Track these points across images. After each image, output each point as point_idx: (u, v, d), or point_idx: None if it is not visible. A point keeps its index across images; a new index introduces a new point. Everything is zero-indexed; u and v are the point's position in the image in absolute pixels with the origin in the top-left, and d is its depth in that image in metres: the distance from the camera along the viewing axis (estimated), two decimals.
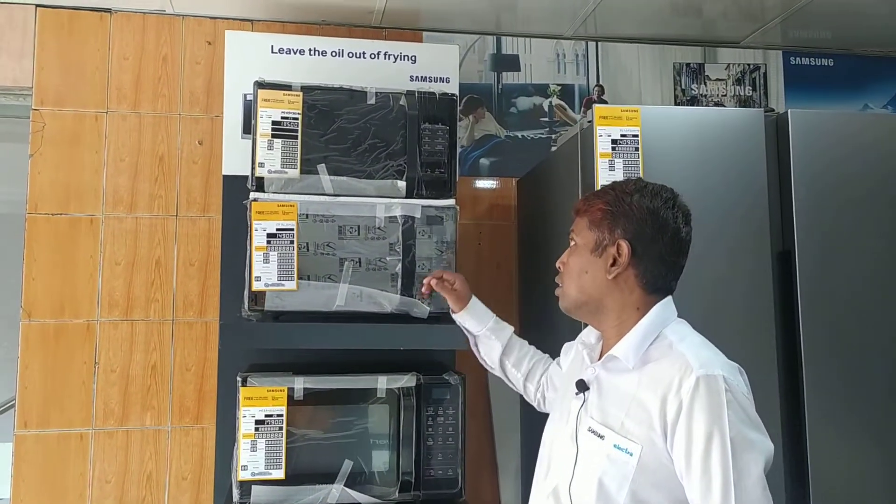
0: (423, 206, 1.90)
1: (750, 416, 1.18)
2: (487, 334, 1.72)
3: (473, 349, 1.77)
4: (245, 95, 2.29)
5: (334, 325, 1.78)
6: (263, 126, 1.86)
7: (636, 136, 1.70)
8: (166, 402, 2.29)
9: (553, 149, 2.63)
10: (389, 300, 1.87)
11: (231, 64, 2.31)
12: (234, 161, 2.26)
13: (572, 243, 1.39)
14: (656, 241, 1.28)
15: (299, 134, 1.86)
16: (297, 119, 1.86)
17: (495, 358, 1.73)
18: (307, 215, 1.85)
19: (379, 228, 1.89)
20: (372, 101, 1.92)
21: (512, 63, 2.64)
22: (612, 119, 1.70)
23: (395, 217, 1.89)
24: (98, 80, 2.37)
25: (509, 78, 2.63)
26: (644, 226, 1.29)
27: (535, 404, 1.72)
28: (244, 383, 1.77)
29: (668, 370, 1.22)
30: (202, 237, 2.37)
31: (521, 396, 1.77)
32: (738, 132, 1.72)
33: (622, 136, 1.70)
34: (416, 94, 1.94)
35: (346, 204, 1.87)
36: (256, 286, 1.81)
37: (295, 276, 1.82)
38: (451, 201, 1.95)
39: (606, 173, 1.68)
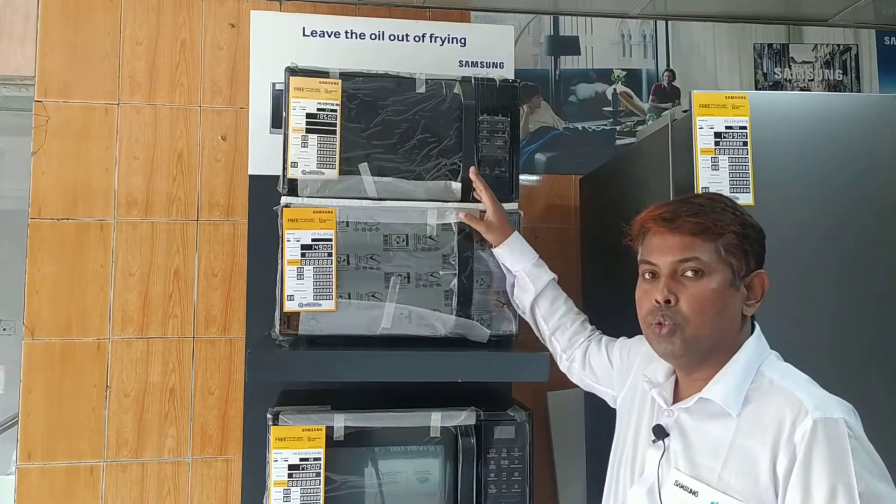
0: (481, 211, 1.63)
1: (878, 465, 1.01)
2: (523, 276, 1.58)
3: (508, 289, 1.64)
4: (274, 84, 2.05)
5: (379, 354, 1.53)
6: (296, 119, 1.61)
7: (744, 127, 1.43)
8: (187, 431, 2.06)
9: (618, 142, 2.35)
10: (443, 322, 1.61)
11: (257, 49, 2.07)
12: (262, 159, 2.04)
13: (689, 272, 1.11)
14: (762, 265, 1.16)
15: (338, 128, 1.61)
16: (335, 111, 1.60)
17: (526, 302, 1.59)
18: (347, 223, 1.60)
19: (431, 238, 1.63)
20: (422, 89, 1.66)
21: (571, 46, 2.37)
22: (716, 108, 1.42)
23: (450, 224, 1.63)
24: (108, 68, 2.13)
25: (568, 63, 2.35)
26: (762, 250, 1.16)
27: (561, 366, 1.59)
28: (275, 421, 1.52)
29: (774, 413, 1.06)
30: (226, 244, 2.13)
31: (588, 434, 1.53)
32: (872, 121, 1.43)
33: (727, 128, 1.43)
34: (473, 81, 1.68)
35: (393, 209, 1.62)
36: (289, 306, 1.56)
37: (334, 294, 1.57)
38: (513, 205, 1.70)
39: (709, 174, 1.40)
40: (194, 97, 2.17)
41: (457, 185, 1.65)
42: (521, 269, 1.58)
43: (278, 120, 1.93)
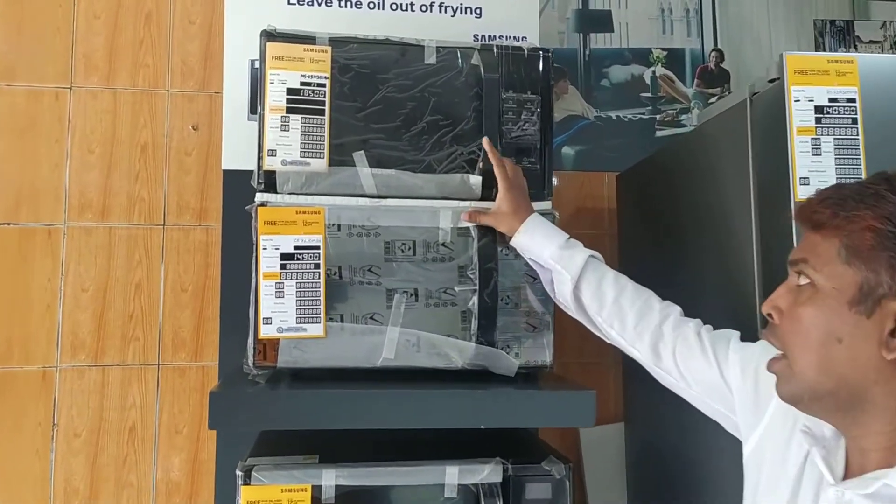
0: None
1: None
2: (553, 264, 1.24)
3: (548, 288, 1.29)
4: (253, 62, 1.74)
5: (380, 394, 1.22)
6: (275, 96, 1.30)
7: (853, 100, 1.10)
8: (149, 478, 1.74)
9: (658, 133, 2.03)
10: (460, 351, 1.30)
11: (233, 21, 1.77)
12: (240, 151, 1.73)
13: (801, 278, 0.81)
14: None
15: (327, 107, 1.29)
16: (323, 86, 1.29)
17: (567, 294, 1.23)
18: (339, 226, 1.29)
19: (444, 245, 1.31)
20: (432, 59, 1.35)
21: (602, 21, 2.05)
22: (816, 74, 1.11)
23: (468, 228, 1.31)
24: (60, 46, 1.83)
25: (599, 41, 2.04)
26: None
27: (642, 360, 1.18)
28: (247, 479, 1.20)
29: None
30: (198, 253, 1.81)
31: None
32: None
33: (831, 100, 1.10)
34: (496, 50, 1.37)
35: (396, 210, 1.31)
36: (265, 332, 1.24)
37: (322, 316, 1.26)
38: (546, 204, 1.39)
39: (808, 160, 1.09)
40: (161, 80, 1.86)
41: (476, 180, 1.33)
42: (549, 255, 1.24)
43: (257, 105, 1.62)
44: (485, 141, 1.32)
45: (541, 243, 1.24)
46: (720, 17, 2.11)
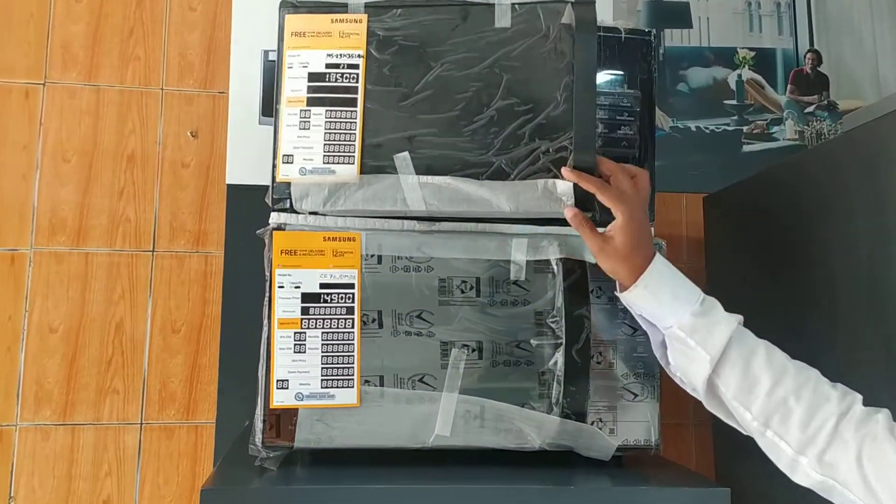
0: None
1: None
2: (683, 336, 0.91)
3: (658, 354, 0.99)
4: (267, 54, 1.46)
5: (436, 490, 0.89)
6: (294, 84, 1.01)
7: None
8: None
9: (746, 148, 1.73)
10: (538, 426, 1.00)
11: (243, 5, 1.47)
12: (248, 163, 1.46)
13: None
14: None
15: (360, 95, 0.99)
16: (356, 67, 1.00)
17: (699, 378, 0.91)
18: (379, 258, 0.99)
19: (518, 284, 1.02)
20: (505, 20, 1.04)
21: (680, 15, 1.76)
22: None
23: (550, 263, 1.00)
24: (33, 33, 1.53)
25: (676, 38, 1.75)
26: None
27: (796, 478, 0.86)
28: None
29: None
30: (194, 286, 1.51)
31: None
32: None
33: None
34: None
35: (455, 236, 1.00)
36: (280, 399, 0.95)
37: (356, 378, 0.96)
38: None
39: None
40: (154, 76, 1.57)
41: (565, 186, 1.00)
42: (678, 325, 0.91)
43: (271, 106, 1.31)
44: (565, 171, 0.99)
45: (669, 306, 0.92)
46: (816, 12, 1.82)
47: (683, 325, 0.90)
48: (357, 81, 0.99)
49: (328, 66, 1.00)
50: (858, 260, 1.14)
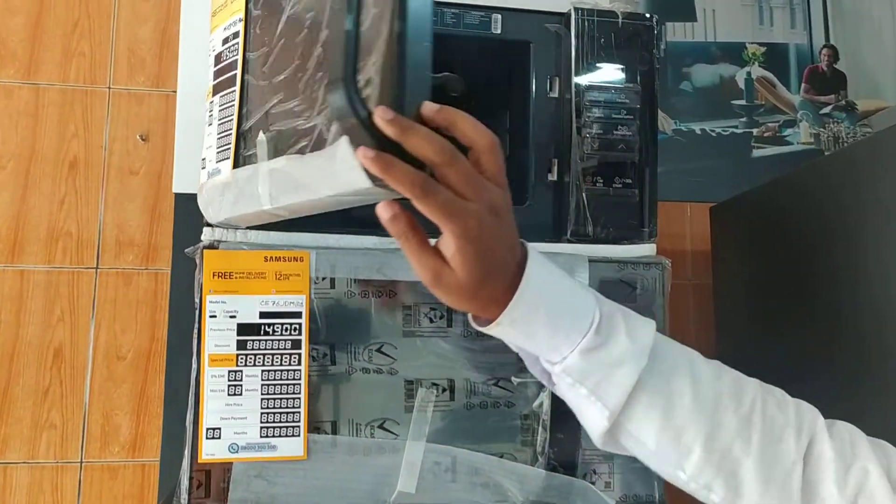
0: (591, 261, 0.86)
1: None
2: (566, 382, 0.64)
3: (531, 369, 0.70)
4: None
5: None
6: (210, 74, 0.85)
7: None
8: None
9: (756, 153, 1.59)
10: (521, 480, 0.87)
11: None
12: (197, 168, 1.26)
13: None
14: None
15: (238, 69, 0.83)
16: (238, 36, 0.84)
17: (594, 433, 0.65)
18: (332, 281, 0.84)
19: None
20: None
21: (682, 7, 1.63)
22: None
23: None
24: None
25: (678, 32, 1.61)
26: None
27: None
28: None
29: None
30: (143, 307, 1.36)
31: None
32: None
33: None
34: (574, 13, 0.92)
35: None
36: (210, 452, 0.80)
37: (302, 425, 0.80)
38: (648, 249, 0.93)
39: None
40: (101, 74, 1.44)
41: (346, 152, 0.83)
42: (561, 366, 0.63)
43: None
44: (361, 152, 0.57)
45: (547, 343, 0.62)
46: (831, 4, 1.68)
47: (570, 367, 0.61)
48: (238, 53, 0.82)
49: (223, 42, 0.84)
50: (887, 278, 0.99)
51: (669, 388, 0.62)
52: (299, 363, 0.82)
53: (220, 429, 0.81)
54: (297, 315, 0.83)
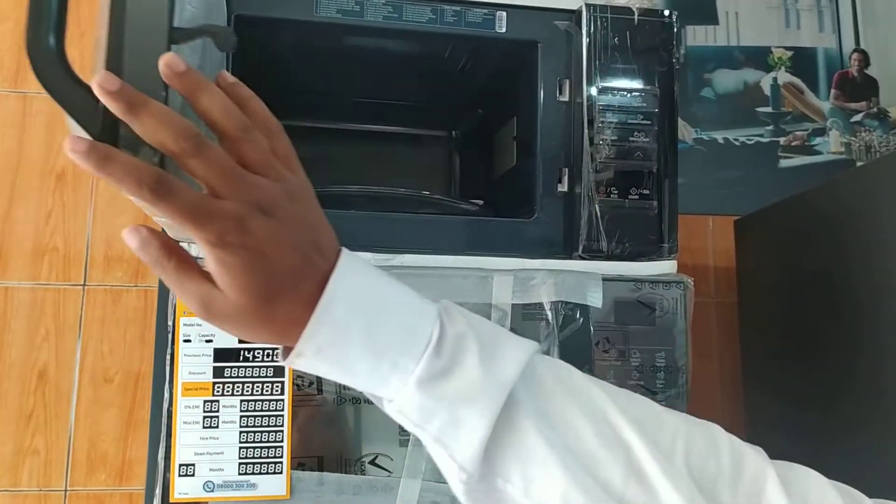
0: (604, 279, 0.79)
1: None
2: (407, 425, 0.47)
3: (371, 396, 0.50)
4: None
5: None
6: None
7: None
8: None
9: (783, 163, 1.51)
10: None
11: None
12: None
13: None
14: None
15: None
16: None
17: (453, 488, 0.48)
18: None
19: None
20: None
21: (704, 10, 1.56)
22: None
23: (542, 307, 0.78)
24: None
25: (699, 36, 1.54)
26: None
27: None
28: None
29: None
30: (132, 326, 1.30)
31: None
32: None
33: None
34: (587, 12, 0.85)
35: (417, 273, 0.80)
36: (183, 491, 0.72)
37: (285, 460, 0.72)
38: (668, 266, 0.85)
39: None
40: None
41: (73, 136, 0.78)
42: (396, 405, 0.46)
43: None
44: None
45: (367, 375, 0.47)
46: (862, 6, 1.60)
47: (406, 405, 0.46)
48: None
49: None
50: None
51: (552, 433, 0.47)
52: (282, 392, 0.75)
53: (194, 465, 0.74)
54: None
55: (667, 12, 0.90)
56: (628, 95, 0.86)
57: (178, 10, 0.46)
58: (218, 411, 0.74)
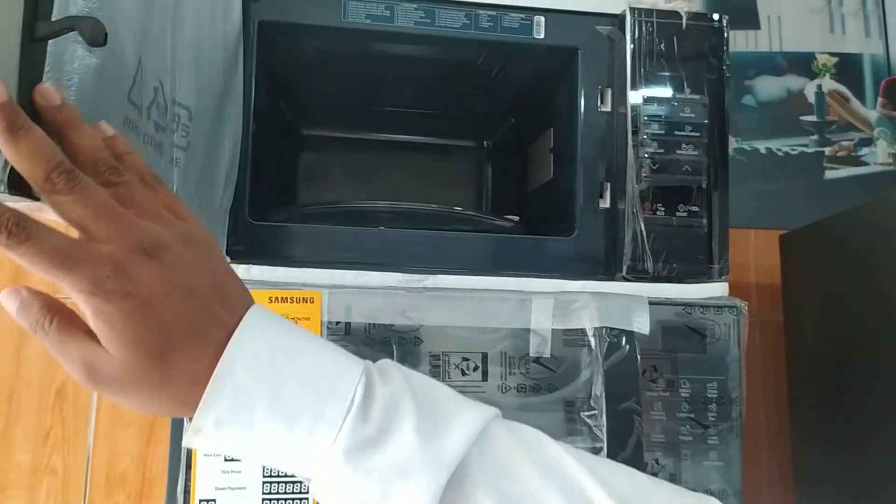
0: (651, 303, 0.74)
1: None
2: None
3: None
4: None
5: None
6: None
7: None
8: None
9: (829, 174, 1.44)
10: None
11: None
12: None
13: None
14: None
15: None
16: None
17: None
18: (346, 327, 0.75)
19: (540, 363, 0.74)
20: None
21: (745, 14, 1.50)
22: None
23: (585, 333, 0.73)
24: None
25: (740, 42, 1.48)
26: None
27: None
28: None
29: None
30: None
31: None
32: None
33: None
34: (630, 15, 0.80)
35: (451, 295, 0.74)
36: None
37: (311, 499, 0.68)
38: (718, 289, 0.80)
39: None
40: None
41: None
42: (316, 487, 0.41)
43: None
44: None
45: (281, 449, 0.40)
46: None
47: (329, 482, 0.40)
48: None
49: None
50: None
51: None
52: None
53: (214, 500, 0.69)
54: None
55: (716, 16, 0.84)
56: (675, 105, 0.81)
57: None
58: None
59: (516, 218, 0.90)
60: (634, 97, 0.80)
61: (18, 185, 0.38)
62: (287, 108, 1.03)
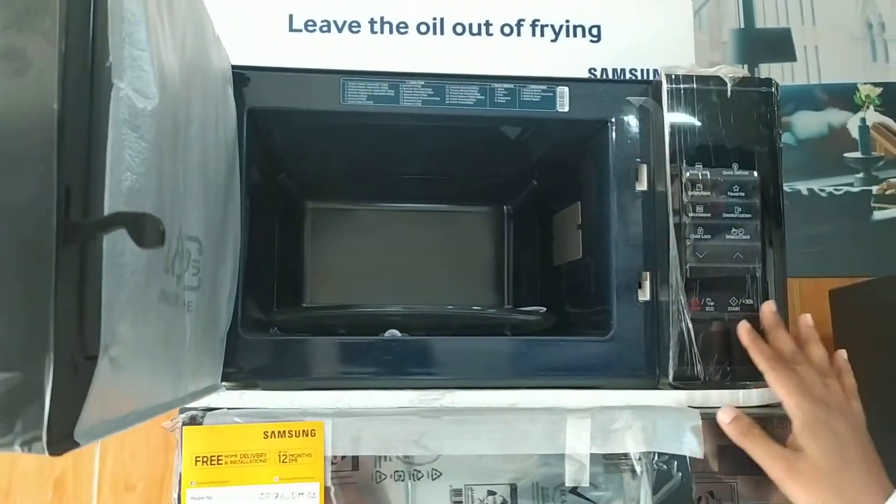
0: (702, 415, 0.63)
1: None
2: None
3: None
4: None
5: None
6: None
7: None
8: None
9: (877, 214, 1.33)
10: None
11: None
12: None
13: None
14: None
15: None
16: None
17: None
18: (354, 461, 0.66)
19: (577, 493, 0.63)
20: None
21: (779, 45, 1.40)
22: None
23: (629, 458, 0.62)
24: None
25: (775, 74, 1.38)
26: None
27: None
28: None
29: None
30: (154, 428, 1.15)
31: None
32: None
33: None
34: (667, 83, 0.69)
35: (474, 418, 0.64)
36: None
37: None
38: (765, 396, 0.68)
39: None
40: None
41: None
42: None
43: None
44: (742, 328, 0.68)
45: None
46: None
47: None
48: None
49: None
50: None
51: None
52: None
53: None
54: None
55: (764, 76, 0.75)
56: (722, 183, 0.71)
57: (108, 185, 0.33)
58: None
59: (543, 309, 0.80)
60: (675, 175, 0.70)
61: None
62: (289, 183, 0.94)
